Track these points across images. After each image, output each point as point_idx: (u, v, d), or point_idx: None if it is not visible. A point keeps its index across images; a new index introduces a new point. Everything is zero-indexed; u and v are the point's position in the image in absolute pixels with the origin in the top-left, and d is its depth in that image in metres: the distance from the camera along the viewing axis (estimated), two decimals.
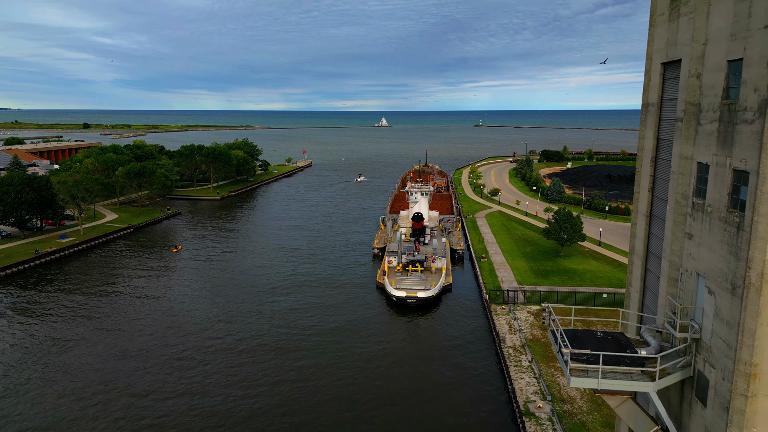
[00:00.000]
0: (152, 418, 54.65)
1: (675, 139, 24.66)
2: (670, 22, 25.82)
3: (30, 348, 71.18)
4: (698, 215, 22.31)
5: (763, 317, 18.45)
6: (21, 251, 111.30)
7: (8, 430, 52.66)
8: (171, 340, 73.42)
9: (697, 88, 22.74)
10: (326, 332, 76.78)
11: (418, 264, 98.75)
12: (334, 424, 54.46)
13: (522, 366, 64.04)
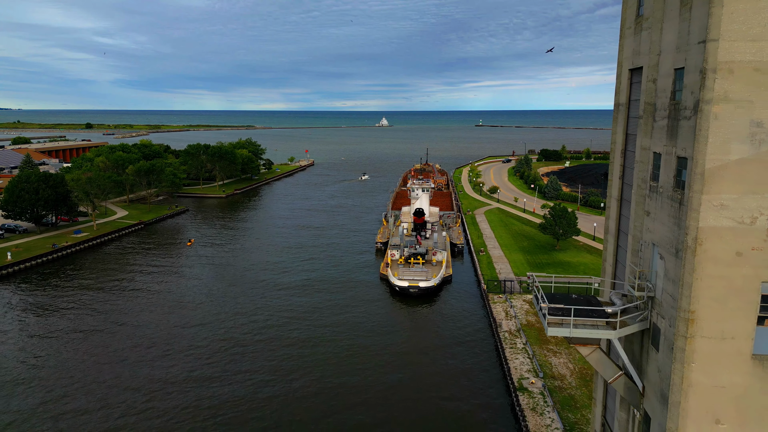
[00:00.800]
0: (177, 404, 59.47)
1: (638, 134, 29.35)
2: (635, 34, 30.51)
3: (51, 338, 75.95)
4: (654, 195, 27.00)
5: (697, 273, 23.11)
6: (39, 245, 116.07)
7: (27, 415, 57.39)
8: (188, 329, 78.22)
9: (653, 90, 27.43)
10: (334, 319, 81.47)
11: (420, 257, 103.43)
12: (343, 389, 59.15)
13: (517, 348, 68.76)
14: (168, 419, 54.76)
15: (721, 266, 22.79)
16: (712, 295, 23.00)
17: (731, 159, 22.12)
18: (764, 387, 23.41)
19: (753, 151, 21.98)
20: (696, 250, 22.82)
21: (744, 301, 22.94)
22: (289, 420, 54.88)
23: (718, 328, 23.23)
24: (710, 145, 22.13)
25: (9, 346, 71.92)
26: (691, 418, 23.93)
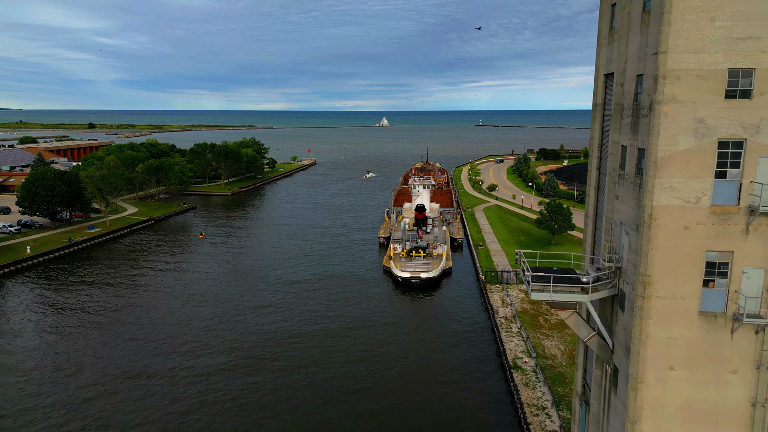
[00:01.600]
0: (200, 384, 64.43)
1: (610, 130, 34.18)
2: (609, 45, 35.30)
3: (69, 325, 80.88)
4: (621, 182, 31.81)
5: (652, 244, 27.89)
6: (55, 240, 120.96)
7: (47, 400, 62.28)
8: (204, 316, 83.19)
9: (621, 93, 32.23)
10: (340, 308, 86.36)
11: (421, 250, 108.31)
12: (353, 371, 64.04)
13: (512, 332, 73.63)
14: (183, 400, 59.68)
15: (671, 238, 27.65)
16: (665, 262, 27.86)
17: (679, 149, 26.98)
18: (708, 338, 28.26)
19: (696, 142, 26.83)
20: (651, 225, 27.68)
21: (691, 267, 27.78)
22: (308, 401, 59.79)
23: (670, 289, 28.09)
24: (661, 138, 26.99)
25: (31, 333, 76.83)
26: (649, 365, 28.79)
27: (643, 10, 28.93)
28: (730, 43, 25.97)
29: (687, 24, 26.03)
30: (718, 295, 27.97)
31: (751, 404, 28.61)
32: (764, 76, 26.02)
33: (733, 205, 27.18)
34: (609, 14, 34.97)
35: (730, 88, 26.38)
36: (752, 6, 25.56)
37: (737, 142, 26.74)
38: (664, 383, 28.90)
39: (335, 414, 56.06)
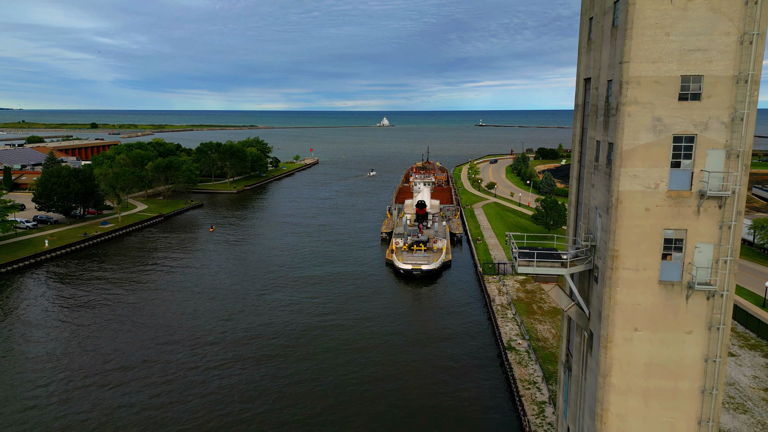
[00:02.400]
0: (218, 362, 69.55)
1: (588, 127, 39.20)
2: (587, 53, 40.29)
3: (87, 314, 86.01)
4: (596, 172, 36.83)
5: (619, 223, 32.86)
6: (71, 235, 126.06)
7: (69, 386, 67.34)
8: (216, 307, 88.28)
9: (596, 96, 37.24)
10: (346, 298, 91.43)
11: (422, 244, 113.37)
12: (359, 354, 69.09)
13: (507, 318, 78.69)
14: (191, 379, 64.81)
15: (635, 218, 32.68)
16: (630, 239, 32.89)
17: (640, 143, 32.01)
18: (667, 304, 33.29)
19: (654, 137, 31.87)
20: (618, 207, 32.72)
21: (651, 242, 32.81)
22: (321, 384, 64.86)
23: (634, 262, 33.12)
24: (626, 134, 32.03)
25: (53, 322, 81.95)
26: (617, 327, 33.83)
27: (612, 25, 33.98)
28: (682, 54, 31.00)
29: (646, 38, 31.06)
30: (674, 266, 33.00)
31: (704, 360, 33.64)
32: (711, 82, 31.05)
33: (687, 191, 32.21)
34: (588, 26, 40.01)
35: (682, 92, 31.40)
36: (700, 23, 30.60)
37: (689, 137, 31.78)
38: (629, 342, 33.95)
39: (348, 394, 61.08)
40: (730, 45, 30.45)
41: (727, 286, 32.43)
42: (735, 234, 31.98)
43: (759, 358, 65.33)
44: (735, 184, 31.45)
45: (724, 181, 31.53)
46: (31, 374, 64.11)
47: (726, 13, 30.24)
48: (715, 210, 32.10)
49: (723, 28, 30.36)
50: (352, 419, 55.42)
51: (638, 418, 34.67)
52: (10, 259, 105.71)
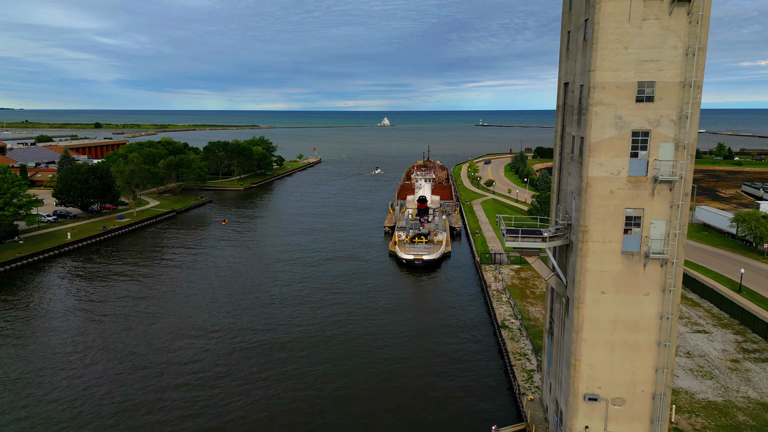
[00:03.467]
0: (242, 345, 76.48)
1: (566, 125, 46.02)
2: (566, 61, 47.07)
3: (108, 301, 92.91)
4: (572, 162, 43.62)
5: (588, 204, 39.60)
6: (90, 228, 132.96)
7: (97, 370, 74.20)
8: (232, 294, 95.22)
9: (572, 98, 44.03)
10: (353, 285, 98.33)
11: (423, 236, 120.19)
12: (367, 335, 75.92)
13: (502, 301, 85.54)
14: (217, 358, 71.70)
15: (601, 200, 39.48)
16: (597, 216, 39.70)
17: (605, 137, 38.83)
18: (628, 270, 40.08)
19: (616, 132, 38.69)
20: (587, 190, 39.55)
21: (615, 219, 39.61)
22: (334, 358, 71.76)
23: (601, 236, 39.93)
24: (593, 130, 38.85)
25: (78, 310, 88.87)
26: (587, 290, 40.64)
27: (583, 39, 40.83)
28: (638, 64, 37.82)
29: (608, 51, 37.90)
30: (634, 239, 39.84)
31: (659, 317, 40.47)
32: (662, 87, 37.87)
33: (643, 176, 39.03)
34: (566, 39, 46.84)
35: (639, 95, 38.22)
36: (652, 39, 37.41)
37: (645, 132, 38.61)
38: (598, 303, 40.79)
39: (360, 363, 67.95)
40: (678, 56, 37.30)
41: (677, 255, 39.28)
42: (683, 212, 38.83)
43: (729, 335, 72.11)
44: (682, 170, 38.30)
45: (673, 168, 38.39)
46: (57, 357, 71.00)
47: (674, 30, 37.10)
48: (666, 192, 38.95)
49: (671, 42, 37.22)
50: (365, 383, 62.17)
51: (605, 366, 41.52)
52: (37, 250, 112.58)
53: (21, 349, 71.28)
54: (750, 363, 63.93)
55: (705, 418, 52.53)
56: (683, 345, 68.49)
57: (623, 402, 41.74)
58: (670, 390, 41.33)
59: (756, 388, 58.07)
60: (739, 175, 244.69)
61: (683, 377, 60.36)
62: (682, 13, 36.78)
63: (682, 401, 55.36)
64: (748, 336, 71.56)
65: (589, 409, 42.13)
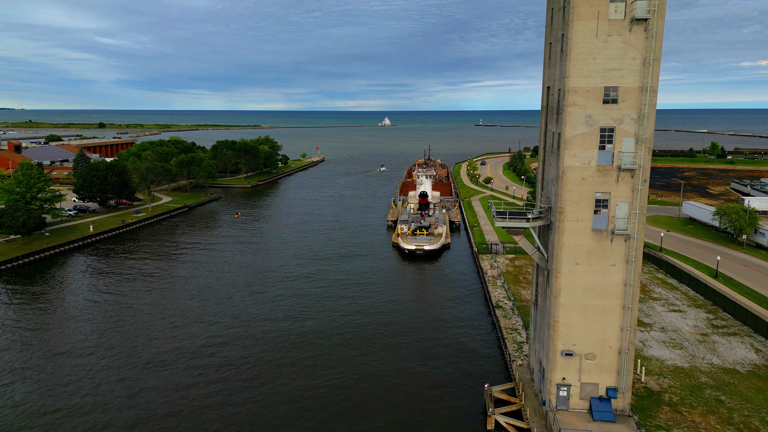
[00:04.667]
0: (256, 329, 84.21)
1: (548, 123, 53.62)
2: (548, 68, 54.64)
3: (136, 290, 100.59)
4: (552, 154, 51.20)
5: (564, 189, 47.19)
6: (109, 222, 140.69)
7: (118, 354, 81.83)
8: (248, 283, 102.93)
9: (553, 99, 51.63)
10: (359, 273, 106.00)
11: (424, 229, 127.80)
12: (375, 315, 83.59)
13: (497, 285, 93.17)
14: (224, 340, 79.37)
15: (574, 185, 47.07)
16: (571, 199, 47.28)
17: (577, 133, 46.44)
18: (598, 245, 47.65)
19: (587, 129, 46.28)
20: (563, 177, 47.17)
21: (586, 201, 47.20)
22: (347, 338, 79.45)
23: (575, 216, 47.53)
24: (567, 127, 46.46)
25: (104, 296, 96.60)
26: (563, 262, 48.24)
27: (561, 50, 48.44)
28: (605, 72, 45.42)
29: (580, 61, 45.51)
30: (602, 219, 47.44)
31: (624, 284, 48.08)
32: (624, 91, 45.45)
33: (610, 166, 46.63)
34: (548, 49, 54.46)
35: (605, 98, 45.83)
36: (616, 51, 44.98)
37: (610, 128, 46.21)
38: (572, 273, 48.40)
39: (367, 337, 75.60)
40: (636, 66, 44.94)
41: (637, 231, 46.91)
42: (642, 195, 46.47)
43: (702, 313, 79.69)
44: (641, 160, 45.94)
45: (634, 159, 46.02)
46: (83, 342, 78.75)
47: (634, 44, 44.74)
48: (628, 179, 46.58)
49: (631, 54, 44.86)
50: (377, 352, 69.80)
51: (579, 326, 49.17)
52: (62, 241, 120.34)
53: (46, 332, 79.02)
54: (717, 336, 71.52)
55: (671, 379, 60.13)
56: (659, 322, 76.13)
57: (594, 357, 49.39)
58: (634, 346, 49.01)
59: (719, 356, 65.68)
60: (730, 173, 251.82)
61: (656, 348, 67.95)
62: (640, 30, 44.41)
63: (652, 366, 62.95)
64: (719, 315, 79.16)
65: (565, 363, 49.78)
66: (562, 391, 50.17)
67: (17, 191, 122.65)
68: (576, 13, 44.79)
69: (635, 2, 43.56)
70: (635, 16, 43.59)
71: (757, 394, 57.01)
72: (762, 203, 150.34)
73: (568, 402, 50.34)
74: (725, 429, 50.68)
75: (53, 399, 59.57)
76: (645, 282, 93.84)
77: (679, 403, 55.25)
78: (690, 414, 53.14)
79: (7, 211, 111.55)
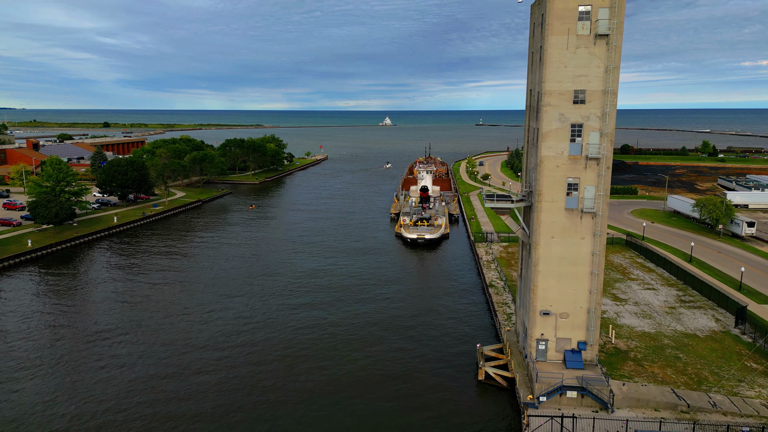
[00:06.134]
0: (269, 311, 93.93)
1: (530, 120, 63.22)
2: (531, 74, 64.19)
3: (161, 274, 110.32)
4: (533, 147, 60.75)
5: (542, 174, 56.69)
6: (131, 214, 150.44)
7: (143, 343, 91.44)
8: (263, 269, 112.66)
9: (534, 100, 61.18)
10: (365, 260, 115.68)
11: (425, 220, 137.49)
12: (382, 295, 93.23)
13: (491, 268, 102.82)
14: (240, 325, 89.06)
15: (550, 171, 56.64)
16: (547, 183, 56.86)
17: (552, 128, 56.03)
18: (570, 222, 57.22)
19: (560, 125, 55.88)
20: (541, 165, 56.79)
21: (560, 185, 56.76)
22: (359, 316, 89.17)
23: (550, 197, 57.11)
24: (544, 123, 56.06)
25: (128, 283, 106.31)
26: (541, 236, 57.83)
27: (539, 60, 58.03)
28: (574, 78, 54.99)
29: (554, 69, 55.08)
30: (573, 199, 56.99)
31: (591, 254, 57.64)
32: (590, 93, 55.00)
33: (579, 155, 56.20)
34: (531, 58, 64.04)
35: (575, 99, 55.39)
36: (583, 61, 54.54)
37: (579, 124, 55.79)
38: (549, 245, 57.97)
39: (376, 309, 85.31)
40: (600, 73, 54.51)
41: (602, 210, 56.49)
42: (605, 180, 56.05)
43: (672, 291, 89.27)
44: (604, 151, 55.53)
45: (599, 149, 55.58)
46: (116, 318, 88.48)
47: (597, 55, 54.33)
48: (594, 166, 56.16)
49: (596, 63, 54.46)
50: (386, 321, 79.45)
51: (555, 290, 58.74)
52: (91, 231, 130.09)
53: (83, 311, 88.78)
54: (684, 309, 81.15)
55: (638, 341, 69.72)
56: (633, 297, 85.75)
57: (567, 315, 59.00)
58: (600, 306, 58.64)
59: (683, 324, 75.30)
60: (720, 170, 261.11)
61: (628, 317, 77.55)
62: (603, 43, 54.01)
63: (623, 332, 72.54)
64: (688, 292, 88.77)
65: (544, 322, 59.38)
66: (540, 345, 59.75)
67: (47, 185, 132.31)
68: (550, 29, 54.39)
69: (598, 21, 53.17)
70: (598, 32, 53.20)
71: (710, 353, 66.62)
72: (743, 197, 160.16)
73: (546, 354, 59.93)
74: (679, 378, 60.29)
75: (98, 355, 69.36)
76: (625, 265, 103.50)
77: (642, 359, 64.85)
78: (650, 367, 62.76)
79: (41, 202, 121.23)
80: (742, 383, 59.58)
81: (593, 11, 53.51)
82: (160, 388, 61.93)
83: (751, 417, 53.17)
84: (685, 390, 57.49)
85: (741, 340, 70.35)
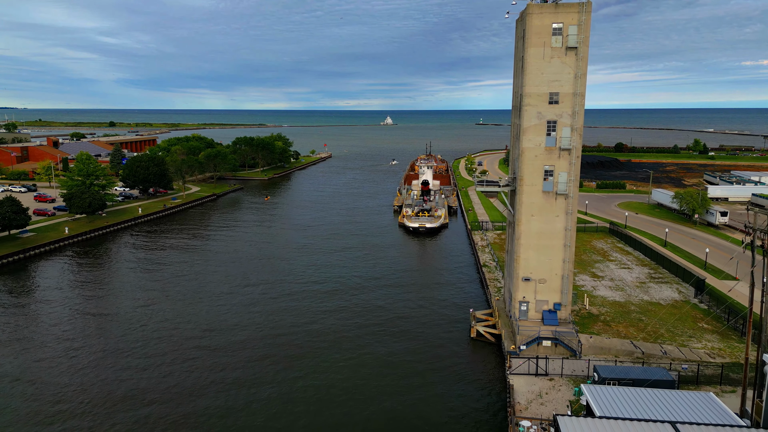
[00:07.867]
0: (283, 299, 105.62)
1: (514, 118, 74.66)
2: (516, 78, 75.56)
3: (181, 260, 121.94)
4: (517, 140, 72.05)
5: (523, 162, 68.00)
6: (153, 206, 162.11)
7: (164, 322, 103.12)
8: (278, 256, 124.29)
9: (517, 101, 72.57)
10: (371, 247, 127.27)
11: (426, 212, 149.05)
12: (383, 278, 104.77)
13: (485, 252, 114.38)
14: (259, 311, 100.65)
15: (530, 160, 68.09)
16: (528, 170, 68.32)
17: (531, 124, 67.50)
18: (546, 202, 68.64)
19: (538, 121, 67.36)
20: (522, 155, 68.32)
21: (538, 171, 68.21)
22: (370, 298, 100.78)
23: (530, 181, 68.60)
24: (524, 120, 67.55)
25: (155, 269, 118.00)
26: (523, 214, 69.31)
27: (521, 67, 69.51)
28: (549, 82, 66.46)
29: (532, 75, 66.55)
30: (550, 184, 68.42)
31: (564, 230, 69.13)
32: (563, 95, 66.43)
33: (554, 147, 67.66)
34: (516, 65, 75.51)
35: (550, 100, 66.83)
36: (557, 68, 65.98)
37: (554, 121, 67.26)
38: (529, 222, 69.46)
39: (380, 287, 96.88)
40: (570, 78, 66.02)
41: (573, 193, 68.00)
42: (576, 167, 67.55)
43: (645, 270, 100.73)
44: (574, 143, 67.05)
45: (570, 142, 67.08)
46: (141, 297, 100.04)
47: (568, 64, 65.85)
48: (567, 156, 67.66)
49: (567, 71, 65.98)
50: (392, 296, 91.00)
51: (534, 260, 70.21)
52: (118, 220, 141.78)
53: (115, 294, 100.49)
54: (652, 284, 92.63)
55: (608, 308, 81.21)
56: (609, 275, 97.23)
57: (545, 281, 70.50)
58: (572, 273, 70.16)
59: (649, 295, 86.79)
60: (709, 167, 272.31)
61: (602, 290, 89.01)
62: (573, 54, 65.50)
63: (597, 301, 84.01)
64: (659, 271, 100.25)
65: (525, 286, 70.86)
66: (522, 306, 71.24)
67: (78, 179, 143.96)
68: (530, 42, 65.90)
69: (569, 36, 64.68)
70: (569, 45, 64.70)
71: (669, 317, 78.11)
72: (723, 191, 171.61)
73: (527, 314, 71.42)
74: (639, 334, 71.78)
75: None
76: (606, 249, 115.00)
77: (611, 321, 76.37)
78: (616, 326, 74.28)
79: (75, 194, 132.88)
80: (692, 338, 71.09)
81: (564, 27, 64.99)
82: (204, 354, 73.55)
83: (695, 362, 64.67)
84: (642, 342, 69.03)
85: (698, 308, 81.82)
